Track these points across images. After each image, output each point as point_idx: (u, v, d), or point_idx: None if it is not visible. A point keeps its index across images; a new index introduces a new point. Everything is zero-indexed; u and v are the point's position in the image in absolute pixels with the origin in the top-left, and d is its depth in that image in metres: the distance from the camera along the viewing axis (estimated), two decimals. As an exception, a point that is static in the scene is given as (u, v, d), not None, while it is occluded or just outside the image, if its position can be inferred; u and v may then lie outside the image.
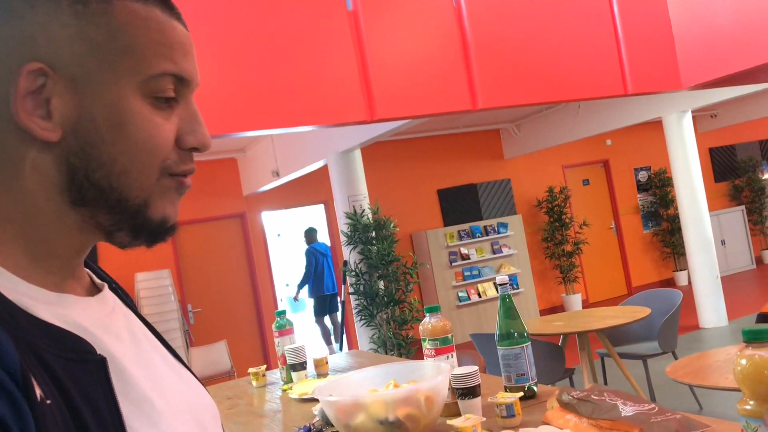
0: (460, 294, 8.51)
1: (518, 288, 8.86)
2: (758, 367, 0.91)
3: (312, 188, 8.34)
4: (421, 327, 1.74)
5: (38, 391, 0.48)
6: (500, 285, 1.76)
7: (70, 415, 0.50)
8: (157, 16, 0.60)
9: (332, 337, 8.28)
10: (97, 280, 0.68)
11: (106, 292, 0.66)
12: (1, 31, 0.55)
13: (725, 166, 11.44)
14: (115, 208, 0.59)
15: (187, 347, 7.09)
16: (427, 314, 1.74)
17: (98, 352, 0.56)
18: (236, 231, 8.21)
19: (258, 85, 3.93)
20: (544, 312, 9.34)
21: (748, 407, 0.94)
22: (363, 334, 6.13)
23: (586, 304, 9.64)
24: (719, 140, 11.34)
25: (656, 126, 9.51)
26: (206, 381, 6.92)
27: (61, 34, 0.56)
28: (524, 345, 1.72)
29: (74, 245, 0.60)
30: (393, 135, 6.25)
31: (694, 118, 9.26)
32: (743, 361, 0.89)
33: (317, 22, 4.23)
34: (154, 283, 7.09)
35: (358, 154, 6.34)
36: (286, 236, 11.58)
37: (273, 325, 2.50)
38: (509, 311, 1.75)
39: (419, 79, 4.49)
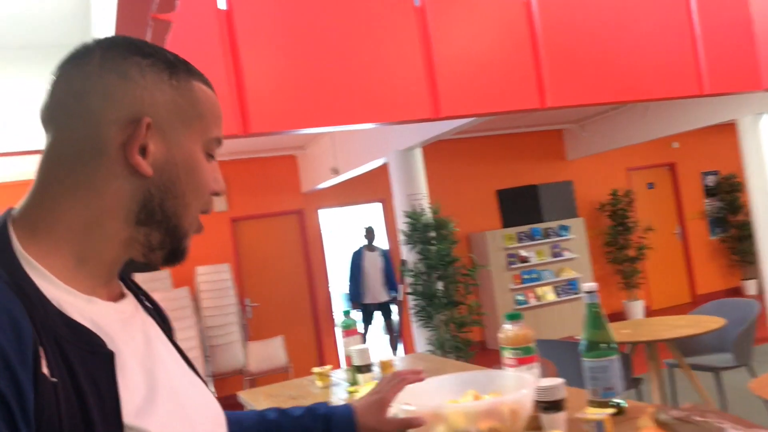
0: (518, 297, 8.34)
1: (579, 293, 8.64)
2: None
3: (370, 186, 8.29)
4: (500, 335, 1.66)
5: (46, 369, 0.60)
6: (587, 292, 1.65)
7: (74, 395, 0.62)
8: (213, 96, 0.80)
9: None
10: (125, 290, 0.81)
11: (128, 300, 0.80)
12: (118, 90, 0.71)
13: (800, 172, 10.91)
14: (169, 231, 0.76)
15: (245, 342, 7.14)
16: (508, 321, 1.65)
17: (108, 348, 0.68)
18: (293, 227, 8.23)
19: (321, 81, 3.88)
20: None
21: None
22: (420, 336, 6.05)
23: (648, 311, 9.33)
24: (794, 144, 10.83)
25: (726, 128, 9.13)
26: (263, 376, 6.96)
27: (160, 98, 0.74)
28: (612, 357, 1.61)
29: (115, 258, 0.75)
30: (454, 134, 6.14)
31: (768, 120, 8.85)
32: None
33: (383, 18, 4.16)
34: (213, 277, 7.17)
35: (419, 153, 6.26)
36: (342, 234, 11.57)
37: (339, 324, 2.45)
38: (597, 320, 1.64)
39: (486, 77, 4.38)
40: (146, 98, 0.72)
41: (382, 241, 8.47)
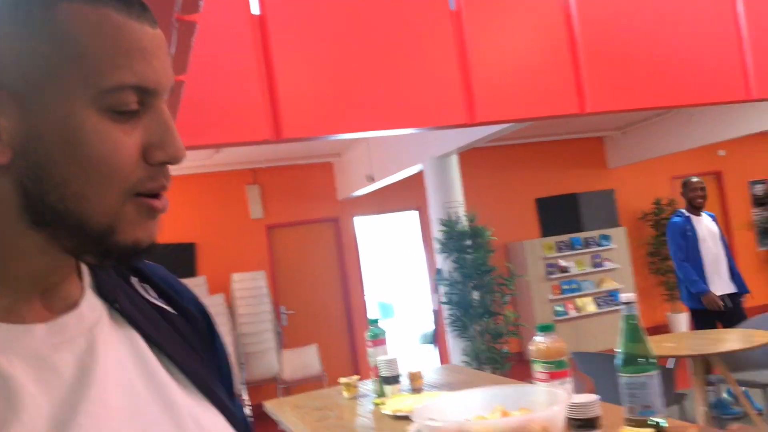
0: (557, 308, 8.16)
1: (620, 304, 8.42)
2: None
3: (406, 194, 8.22)
4: (532, 347, 1.57)
5: None
6: (625, 303, 1.56)
7: None
8: (110, 19, 0.53)
9: None
10: (89, 297, 0.61)
11: (79, 312, 0.59)
12: None
13: None
14: (75, 233, 0.54)
15: (279, 349, 7.12)
16: (540, 333, 1.56)
17: None
18: (330, 235, 8.20)
19: (355, 86, 3.83)
20: (646, 330, 8.82)
21: None
22: (455, 346, 5.94)
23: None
24: None
25: (777, 136, 8.83)
26: (297, 384, 6.92)
27: (1, 46, 0.51)
28: (651, 373, 1.51)
29: (37, 267, 0.56)
30: (491, 141, 6.04)
31: (820, 127, 8.53)
32: None
33: (418, 22, 4.09)
34: (249, 284, 7.17)
35: (454, 160, 6.17)
36: (378, 241, 11.52)
37: (366, 334, 2.38)
38: (634, 333, 1.55)
39: (524, 81, 4.27)
40: None
41: (416, 248, 8.38)
